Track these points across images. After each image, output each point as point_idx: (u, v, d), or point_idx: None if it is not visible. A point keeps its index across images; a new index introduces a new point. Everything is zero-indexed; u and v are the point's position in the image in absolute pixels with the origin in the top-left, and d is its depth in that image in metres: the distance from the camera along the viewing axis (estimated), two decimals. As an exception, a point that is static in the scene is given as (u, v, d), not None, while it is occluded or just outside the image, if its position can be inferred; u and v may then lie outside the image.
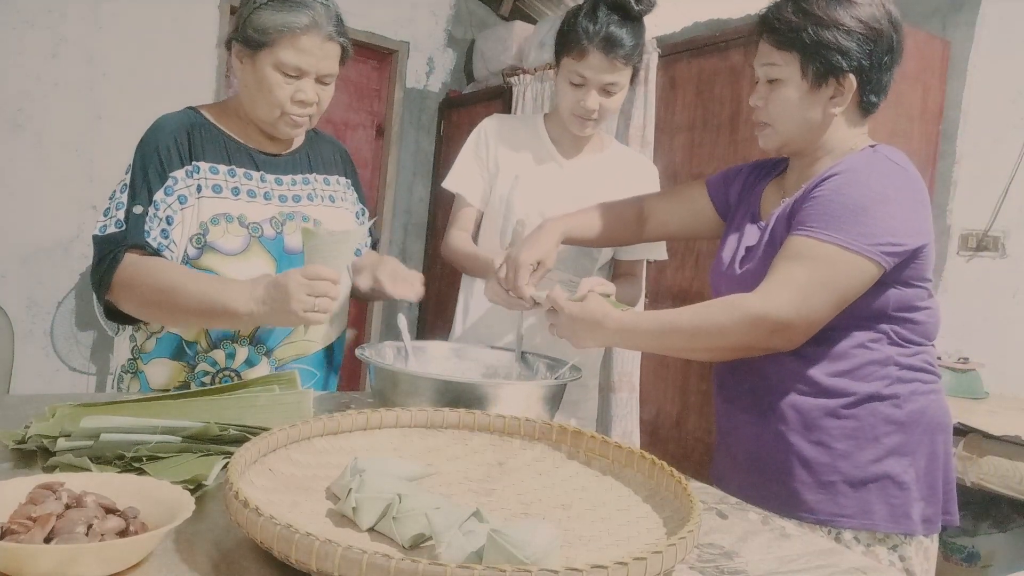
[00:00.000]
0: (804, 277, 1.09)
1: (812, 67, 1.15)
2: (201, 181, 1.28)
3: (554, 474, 0.91)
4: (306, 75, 1.26)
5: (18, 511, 0.62)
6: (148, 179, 1.26)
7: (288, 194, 1.37)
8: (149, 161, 1.26)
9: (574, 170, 1.64)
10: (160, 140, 1.28)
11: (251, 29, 1.24)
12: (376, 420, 0.93)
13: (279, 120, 1.29)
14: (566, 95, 1.53)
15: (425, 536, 0.70)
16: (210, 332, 1.29)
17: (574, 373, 1.23)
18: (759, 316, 1.09)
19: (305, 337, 1.36)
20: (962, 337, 2.68)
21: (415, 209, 4.52)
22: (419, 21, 4.35)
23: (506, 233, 1.60)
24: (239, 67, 1.30)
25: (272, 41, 1.23)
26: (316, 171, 1.44)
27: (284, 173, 1.38)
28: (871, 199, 1.10)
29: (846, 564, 0.79)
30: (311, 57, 1.24)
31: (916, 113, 2.65)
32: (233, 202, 1.29)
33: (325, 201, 1.42)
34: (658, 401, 2.87)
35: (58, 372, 3.46)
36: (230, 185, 1.31)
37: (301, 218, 1.35)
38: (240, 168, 1.33)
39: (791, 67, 1.17)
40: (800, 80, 1.16)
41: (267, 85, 1.25)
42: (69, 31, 3.34)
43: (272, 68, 1.24)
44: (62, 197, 3.38)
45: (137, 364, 1.31)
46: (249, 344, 1.31)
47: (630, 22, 1.46)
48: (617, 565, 0.56)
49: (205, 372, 1.30)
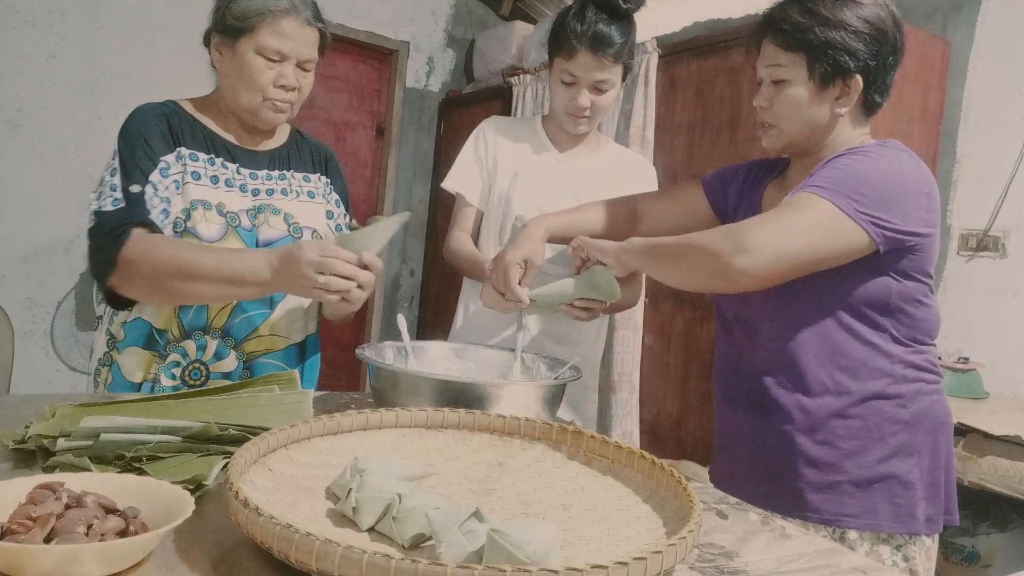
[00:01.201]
0: (789, 218, 1.09)
1: (819, 68, 1.15)
2: (184, 167, 1.29)
3: (554, 474, 0.91)
4: (287, 59, 1.28)
5: (18, 511, 0.62)
6: (138, 161, 1.25)
7: (262, 188, 1.37)
8: (136, 144, 1.26)
9: (572, 167, 1.65)
10: (143, 125, 1.28)
11: (231, 17, 1.27)
12: (376, 420, 0.93)
13: (261, 106, 1.30)
14: (559, 94, 1.56)
15: (425, 536, 0.70)
16: (182, 321, 1.29)
17: (574, 373, 1.23)
18: (732, 230, 1.10)
19: (273, 332, 1.36)
20: (962, 337, 2.68)
21: (415, 209, 4.52)
22: (419, 21, 4.35)
23: (505, 230, 1.61)
24: (218, 59, 1.32)
25: (253, 26, 1.25)
26: (295, 169, 1.44)
27: (259, 168, 1.38)
28: (878, 176, 1.10)
29: (847, 564, 0.79)
30: (291, 41, 1.27)
31: (916, 113, 2.65)
32: (212, 190, 1.30)
33: (302, 196, 1.42)
34: (658, 401, 2.87)
35: (58, 372, 3.46)
36: (209, 173, 1.31)
37: (271, 211, 1.35)
38: (219, 158, 1.34)
39: (798, 68, 1.17)
40: (807, 81, 1.17)
41: (248, 70, 1.27)
42: (69, 31, 3.34)
43: (254, 53, 1.27)
44: (62, 197, 3.38)
45: (112, 355, 1.31)
46: (219, 337, 1.31)
47: (618, 20, 1.49)
48: (617, 565, 0.56)
49: (176, 363, 1.30)
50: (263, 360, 1.35)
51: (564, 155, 1.66)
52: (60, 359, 3.47)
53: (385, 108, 4.36)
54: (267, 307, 1.34)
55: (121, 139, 1.28)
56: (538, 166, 1.64)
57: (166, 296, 1.24)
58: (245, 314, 1.32)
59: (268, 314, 1.34)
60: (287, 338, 1.38)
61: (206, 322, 1.30)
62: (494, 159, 1.65)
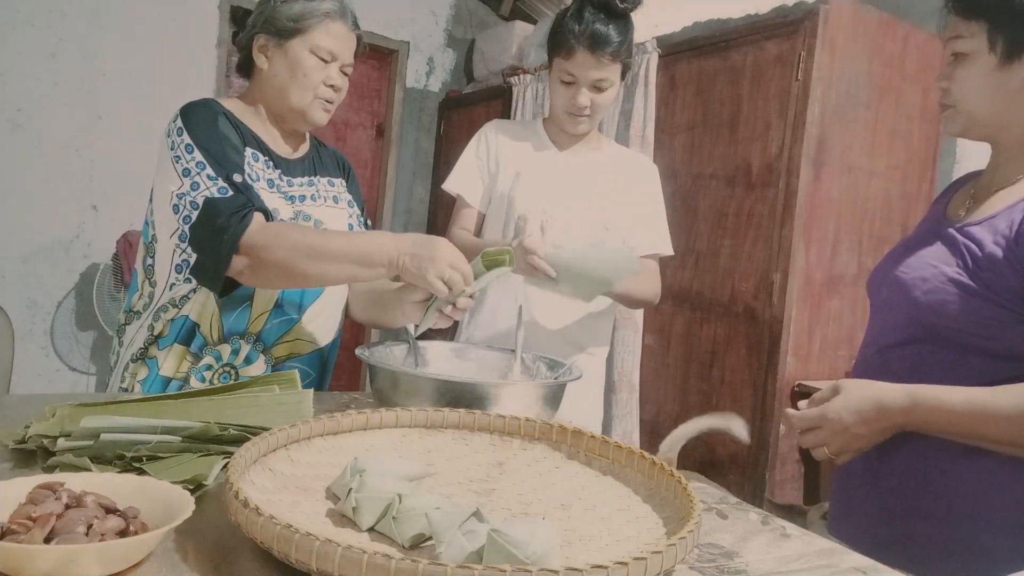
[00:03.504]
0: None
1: (1003, 36, 1.02)
2: (251, 168, 1.30)
3: (554, 474, 0.91)
4: (336, 60, 1.34)
5: (18, 511, 0.62)
6: (227, 153, 1.24)
7: (297, 194, 1.39)
8: (216, 137, 1.24)
9: (574, 166, 1.66)
10: (213, 120, 1.27)
11: (283, 19, 1.31)
12: (376, 420, 0.93)
13: (312, 104, 1.34)
14: (558, 94, 1.57)
15: (425, 536, 0.70)
16: (223, 324, 1.29)
17: (574, 373, 1.23)
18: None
19: (301, 337, 1.36)
20: (962, 337, 2.68)
21: (415, 209, 4.52)
22: (419, 21, 4.36)
23: (509, 229, 1.62)
24: (264, 60, 1.33)
25: (307, 27, 1.30)
26: (320, 174, 1.46)
27: (294, 175, 1.40)
28: None
29: (847, 564, 0.79)
30: (340, 43, 1.33)
31: (916, 113, 2.65)
32: (268, 194, 1.31)
33: (328, 202, 1.44)
34: (658, 401, 2.87)
35: (58, 372, 3.46)
36: (266, 176, 1.33)
37: (303, 217, 1.36)
38: (270, 162, 1.35)
39: (978, 39, 1.04)
40: (988, 52, 1.03)
41: (303, 69, 1.31)
42: (69, 31, 3.34)
43: (308, 53, 1.31)
44: (62, 197, 3.38)
45: (151, 351, 1.31)
46: (252, 341, 1.32)
47: (615, 19, 1.50)
48: (617, 565, 0.56)
49: (208, 366, 1.30)
50: (289, 364, 1.35)
51: (565, 154, 1.67)
52: (60, 359, 3.47)
53: (385, 108, 4.36)
54: (297, 313, 1.35)
55: (195, 134, 1.23)
56: (540, 166, 1.65)
57: (297, 279, 1.21)
58: (279, 319, 1.33)
59: (297, 320, 1.35)
60: (313, 343, 1.39)
61: (245, 327, 1.31)
62: (496, 161, 1.66)
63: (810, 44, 2.38)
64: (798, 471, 2.52)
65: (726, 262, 2.59)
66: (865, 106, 2.51)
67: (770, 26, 2.51)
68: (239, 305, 1.30)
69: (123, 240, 3.27)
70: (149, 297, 1.33)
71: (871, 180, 2.59)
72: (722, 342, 2.65)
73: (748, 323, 2.56)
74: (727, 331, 2.63)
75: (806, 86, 2.38)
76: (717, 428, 0.99)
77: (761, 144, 2.53)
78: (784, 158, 2.45)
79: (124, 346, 1.36)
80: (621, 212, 1.66)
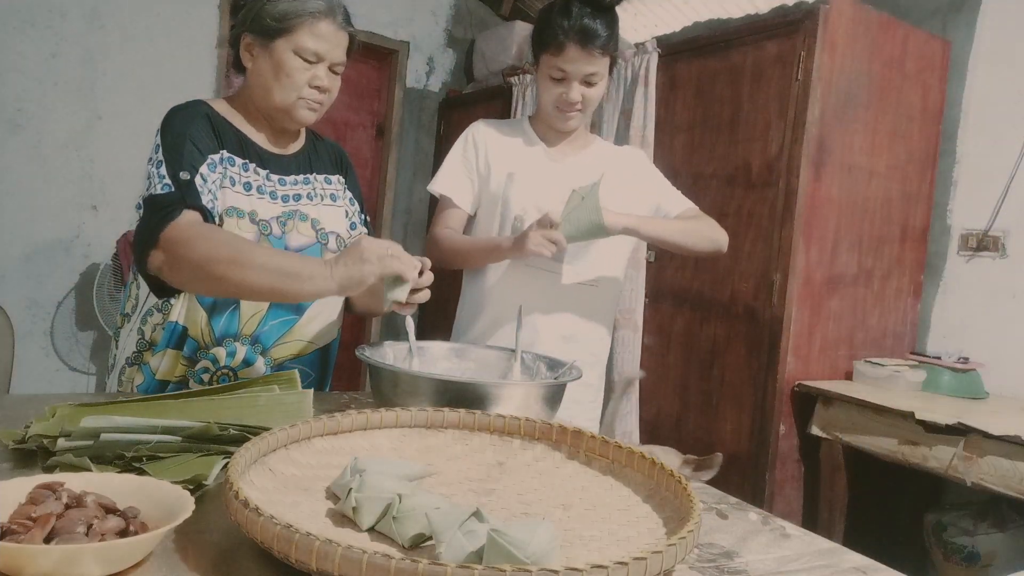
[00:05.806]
0: None
1: None
2: (225, 170, 1.29)
3: (554, 474, 0.91)
4: (322, 61, 1.30)
5: (18, 511, 0.62)
6: (185, 154, 1.23)
7: (290, 193, 1.37)
8: (181, 139, 1.24)
9: (566, 164, 1.65)
10: (188, 122, 1.27)
11: (267, 18, 1.28)
12: (376, 420, 0.93)
13: (295, 105, 1.31)
14: (548, 90, 1.57)
15: (425, 536, 0.70)
16: (214, 328, 1.29)
17: (574, 373, 1.23)
18: None
19: (301, 337, 1.36)
20: (962, 337, 2.68)
21: (415, 209, 4.52)
22: (419, 21, 4.36)
23: (504, 231, 1.61)
24: (249, 59, 1.32)
25: (292, 27, 1.27)
26: (316, 171, 1.45)
27: (287, 173, 1.38)
28: None
29: (847, 564, 0.79)
30: (327, 43, 1.29)
31: (916, 113, 2.65)
32: (245, 197, 1.30)
33: (325, 200, 1.43)
34: (658, 401, 2.87)
35: (58, 372, 3.46)
36: (243, 179, 1.31)
37: (299, 217, 1.35)
38: (251, 163, 1.34)
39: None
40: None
41: (286, 70, 1.28)
42: (69, 31, 3.34)
43: (292, 53, 1.28)
44: (62, 197, 3.38)
45: (144, 356, 1.31)
46: (249, 343, 1.31)
47: (603, 13, 1.50)
48: (617, 565, 0.56)
49: (205, 369, 1.30)
50: (290, 365, 1.34)
51: (557, 153, 1.66)
52: (60, 359, 3.47)
53: (385, 108, 4.35)
54: (296, 313, 1.35)
55: (165, 136, 1.25)
56: (532, 165, 1.64)
57: (212, 284, 1.16)
58: (275, 320, 1.32)
59: (297, 320, 1.35)
60: (314, 343, 1.39)
61: (237, 329, 1.30)
62: (486, 162, 1.65)
63: (810, 44, 2.38)
64: (798, 471, 2.52)
65: (726, 262, 2.59)
66: (865, 106, 2.51)
67: (770, 26, 2.52)
68: (227, 308, 1.29)
69: (123, 240, 3.27)
70: (136, 300, 1.33)
71: (871, 180, 2.59)
72: (722, 342, 2.65)
73: (748, 323, 2.56)
74: (727, 331, 2.63)
75: (806, 86, 2.39)
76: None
77: (761, 144, 2.53)
78: (784, 158, 2.45)
79: (119, 349, 1.36)
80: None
